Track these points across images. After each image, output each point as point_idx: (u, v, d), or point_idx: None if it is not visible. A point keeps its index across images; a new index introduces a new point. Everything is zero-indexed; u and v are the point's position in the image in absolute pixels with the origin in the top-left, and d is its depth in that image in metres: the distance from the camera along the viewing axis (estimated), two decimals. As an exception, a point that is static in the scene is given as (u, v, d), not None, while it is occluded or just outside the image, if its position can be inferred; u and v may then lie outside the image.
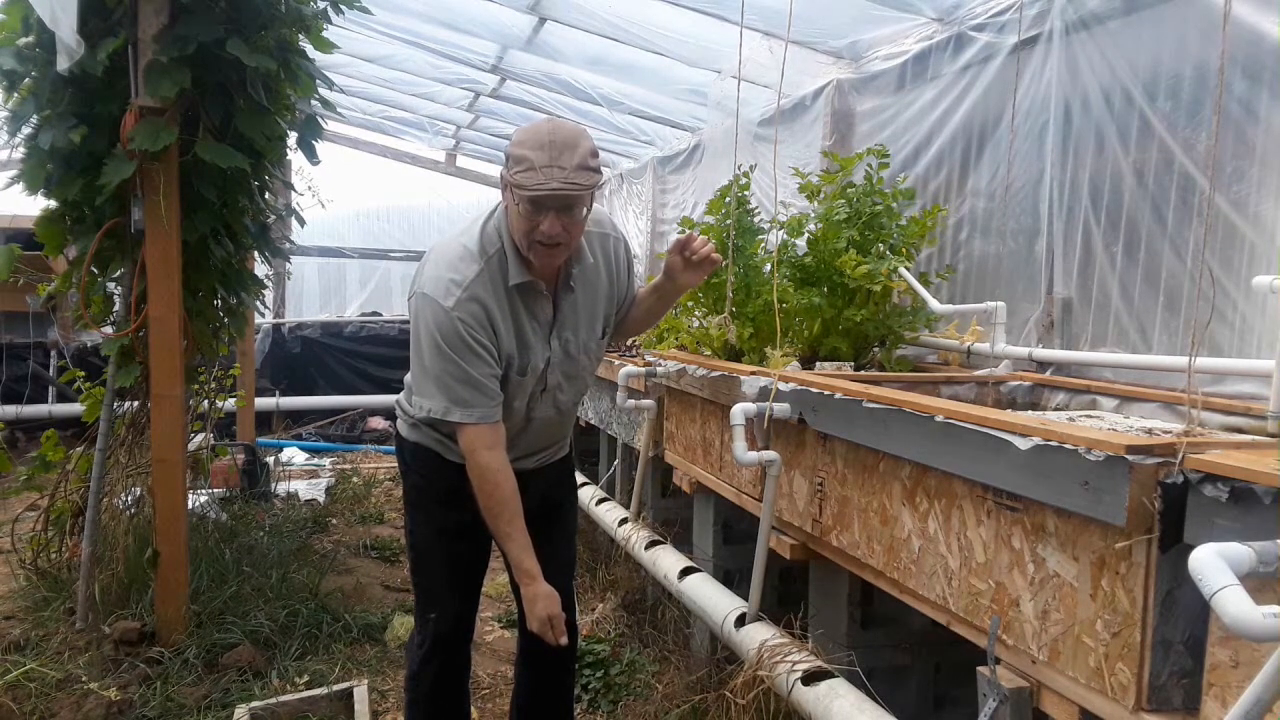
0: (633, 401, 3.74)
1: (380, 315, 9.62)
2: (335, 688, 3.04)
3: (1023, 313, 3.15)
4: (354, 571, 4.46)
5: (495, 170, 2.29)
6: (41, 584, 3.72)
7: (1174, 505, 1.42)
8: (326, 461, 7.31)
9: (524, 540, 2.12)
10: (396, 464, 2.57)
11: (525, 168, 1.90)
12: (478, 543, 2.38)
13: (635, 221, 7.41)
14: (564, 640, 2.12)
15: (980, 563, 1.85)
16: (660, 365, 3.57)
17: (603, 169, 2.04)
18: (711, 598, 2.92)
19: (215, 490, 5.13)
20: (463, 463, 2.16)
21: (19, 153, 3.41)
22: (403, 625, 3.71)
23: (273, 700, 2.95)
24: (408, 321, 2.23)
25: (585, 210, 2.01)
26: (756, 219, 3.72)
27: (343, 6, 3.69)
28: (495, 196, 2.18)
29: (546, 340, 2.17)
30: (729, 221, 3.45)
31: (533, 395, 2.21)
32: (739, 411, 2.51)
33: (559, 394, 2.25)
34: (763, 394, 2.62)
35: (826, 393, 2.35)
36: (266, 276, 5.49)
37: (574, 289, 2.17)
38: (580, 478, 3.62)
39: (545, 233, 1.95)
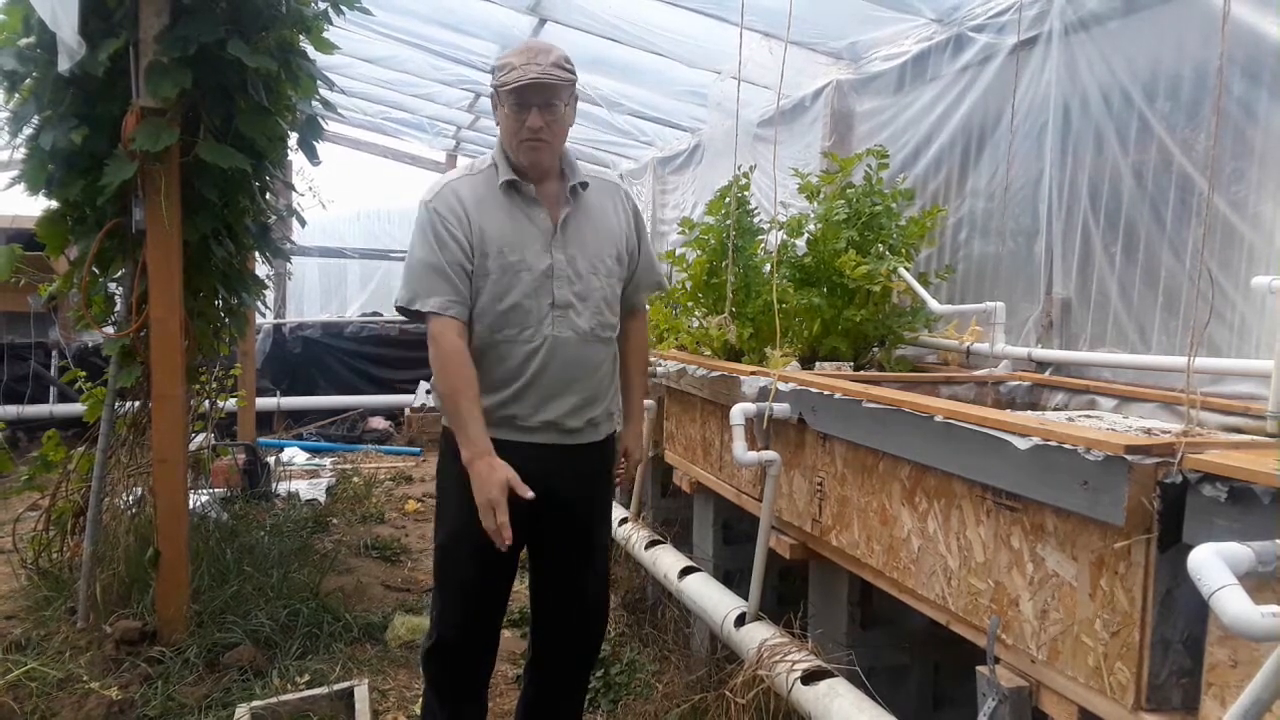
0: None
1: (381, 315, 9.62)
2: (336, 687, 3.04)
3: (1022, 313, 3.16)
4: (355, 571, 4.46)
5: (495, 171, 2.33)
6: (43, 583, 3.73)
7: (1173, 505, 1.42)
8: (327, 461, 7.31)
9: (481, 422, 2.13)
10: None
11: (508, 69, 2.12)
12: (493, 559, 2.30)
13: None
14: (505, 536, 2.06)
15: (979, 562, 1.86)
16: (660, 365, 3.57)
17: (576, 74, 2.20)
18: (711, 597, 2.93)
19: (216, 490, 5.13)
20: None
21: (20, 153, 3.42)
22: (403, 625, 3.71)
23: (274, 699, 2.96)
24: (408, 322, 2.27)
25: (565, 107, 2.18)
26: (756, 219, 3.72)
27: (343, 7, 3.69)
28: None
29: (547, 248, 2.22)
30: (729, 222, 3.45)
31: (540, 304, 2.20)
32: (739, 411, 2.52)
33: (573, 314, 2.23)
34: (763, 394, 2.62)
35: (826, 393, 2.35)
36: (267, 277, 5.48)
37: (573, 205, 2.26)
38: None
39: (530, 127, 2.14)
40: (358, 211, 10.75)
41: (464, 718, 2.46)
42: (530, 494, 2.09)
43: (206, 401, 4.80)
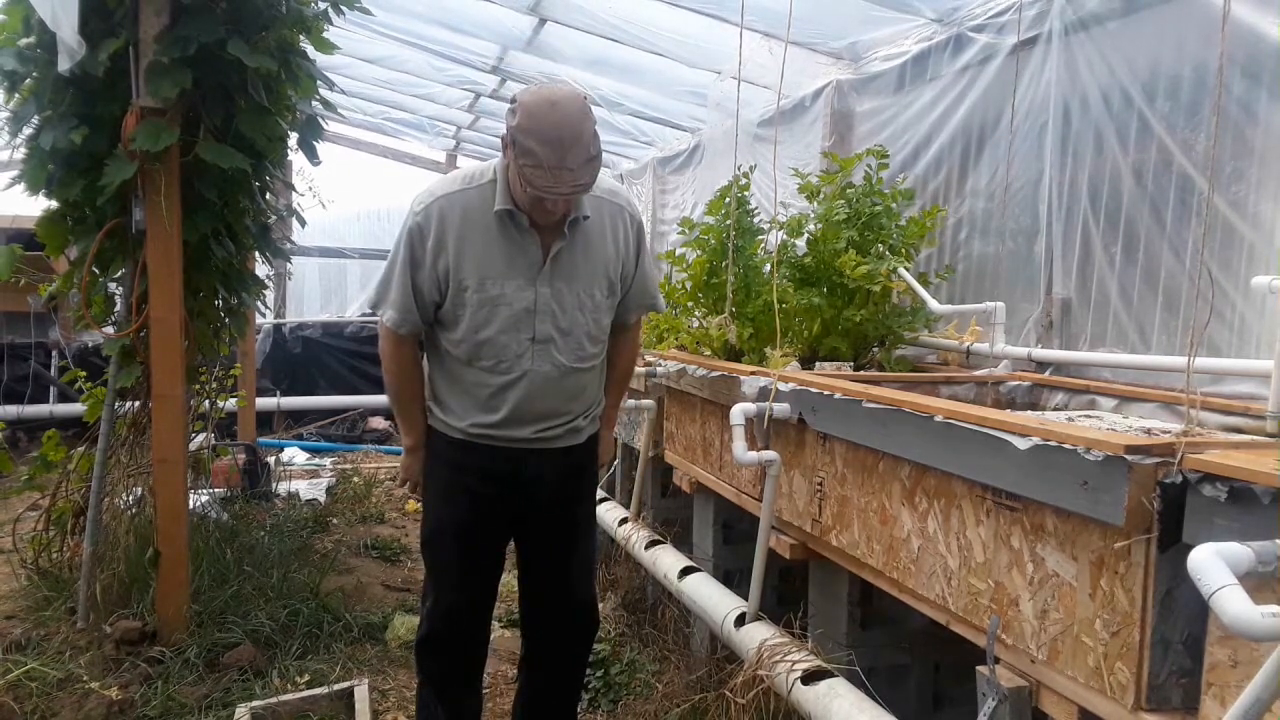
0: (632, 401, 3.74)
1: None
2: (336, 687, 3.04)
3: (1022, 313, 3.16)
4: (355, 571, 4.46)
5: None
6: (43, 583, 3.73)
7: (1173, 505, 1.42)
8: (327, 461, 7.31)
9: (414, 420, 2.36)
10: None
11: (533, 164, 1.94)
12: (481, 545, 2.37)
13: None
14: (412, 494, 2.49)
15: (979, 562, 1.86)
16: (660, 365, 3.57)
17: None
18: (711, 597, 2.93)
19: (216, 490, 5.12)
20: (461, 437, 2.27)
21: (20, 153, 3.41)
22: (403, 625, 3.71)
23: (274, 700, 2.96)
24: None
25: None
26: (756, 219, 3.73)
27: (343, 7, 3.69)
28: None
29: (532, 281, 2.17)
30: (729, 222, 3.45)
31: (519, 339, 2.19)
32: (739, 411, 2.52)
33: (554, 350, 2.22)
34: (763, 394, 2.62)
35: (826, 393, 2.35)
36: (267, 277, 5.49)
37: (568, 238, 2.18)
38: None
39: (550, 211, 2.07)
40: (358, 211, 10.75)
41: (459, 711, 2.47)
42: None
43: (206, 401, 4.81)
